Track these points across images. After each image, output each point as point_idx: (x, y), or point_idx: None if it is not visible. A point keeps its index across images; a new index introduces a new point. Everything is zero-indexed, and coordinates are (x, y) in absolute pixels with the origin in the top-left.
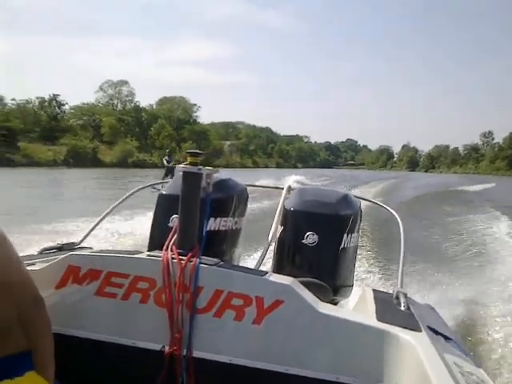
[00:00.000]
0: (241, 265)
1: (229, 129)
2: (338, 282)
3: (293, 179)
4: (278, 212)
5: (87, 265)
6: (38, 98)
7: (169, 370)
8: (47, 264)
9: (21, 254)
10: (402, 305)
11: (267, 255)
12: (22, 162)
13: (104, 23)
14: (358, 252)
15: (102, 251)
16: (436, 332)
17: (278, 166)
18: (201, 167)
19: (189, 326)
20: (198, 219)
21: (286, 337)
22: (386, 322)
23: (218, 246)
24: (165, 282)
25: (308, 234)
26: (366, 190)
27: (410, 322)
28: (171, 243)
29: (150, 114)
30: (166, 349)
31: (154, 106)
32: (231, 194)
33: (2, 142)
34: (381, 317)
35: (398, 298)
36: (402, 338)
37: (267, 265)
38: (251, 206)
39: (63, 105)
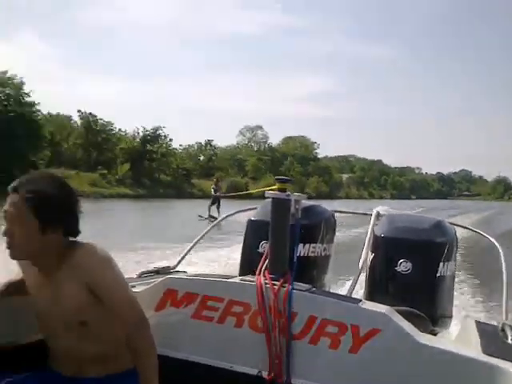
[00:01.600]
0: (333, 292)
1: (342, 162)
2: (436, 312)
3: (381, 208)
4: (367, 239)
5: (184, 288)
6: (197, 142)
7: None
8: (147, 287)
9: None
10: (510, 338)
11: (358, 283)
12: (198, 195)
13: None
14: (456, 281)
15: (197, 275)
16: None
17: (393, 197)
18: (289, 193)
19: (285, 351)
20: (288, 245)
21: (384, 367)
22: (494, 356)
23: (308, 272)
24: (259, 307)
25: (401, 261)
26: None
27: None
28: (263, 268)
29: (280, 152)
30: (264, 374)
31: (280, 144)
32: (319, 220)
33: (184, 179)
34: (487, 350)
35: (504, 330)
36: (510, 373)
37: (358, 292)
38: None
39: (216, 148)
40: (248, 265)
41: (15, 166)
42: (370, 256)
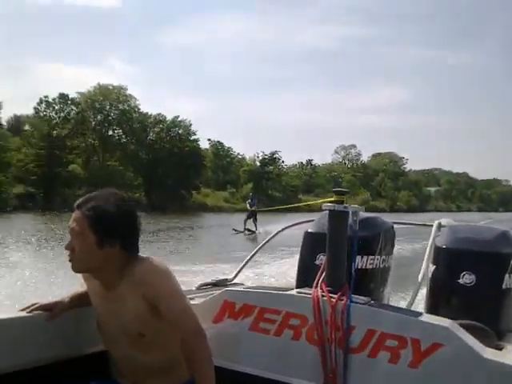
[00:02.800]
0: (392, 305)
1: (427, 175)
2: (501, 326)
3: (444, 220)
4: (428, 250)
5: (242, 300)
6: (298, 162)
7: None
8: (205, 299)
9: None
10: None
11: (418, 296)
12: (305, 209)
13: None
14: None
15: (254, 287)
16: None
17: (480, 209)
18: (347, 205)
19: (342, 365)
20: (346, 257)
21: (447, 382)
22: None
23: (366, 284)
24: (316, 320)
25: (464, 273)
26: None
27: None
28: (320, 281)
29: (371, 168)
30: None
31: (370, 160)
32: (378, 232)
33: (292, 196)
34: None
35: None
36: None
37: (419, 306)
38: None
39: (316, 166)
40: (304, 277)
41: (185, 188)
42: (431, 268)
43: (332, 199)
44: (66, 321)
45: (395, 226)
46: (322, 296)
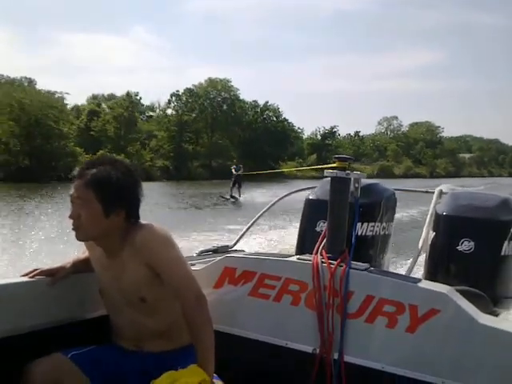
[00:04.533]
0: (391, 271)
1: (459, 142)
2: (497, 293)
3: (445, 186)
4: (428, 217)
5: (242, 266)
6: (347, 134)
7: (320, 372)
8: (206, 265)
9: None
10: None
11: (417, 262)
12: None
13: (318, 45)
14: None
15: (255, 254)
16: None
17: (511, 174)
18: (349, 172)
19: (340, 330)
20: (347, 224)
21: (443, 348)
22: None
23: (366, 251)
24: (315, 286)
25: (463, 240)
26: None
27: None
28: (320, 247)
29: (411, 138)
30: (318, 351)
31: (408, 129)
32: (379, 199)
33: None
34: None
35: None
36: None
37: (418, 272)
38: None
39: (363, 137)
40: (305, 244)
41: (273, 160)
42: (431, 235)
43: (334, 165)
44: (67, 286)
45: (397, 192)
46: (322, 262)
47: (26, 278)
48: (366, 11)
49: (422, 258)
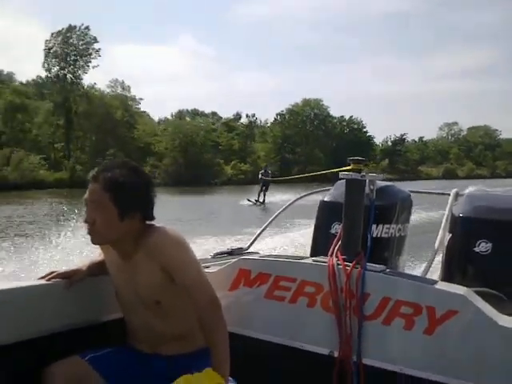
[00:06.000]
0: (407, 272)
1: None
2: None
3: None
4: (445, 218)
5: (257, 268)
6: (412, 139)
7: (338, 374)
8: (221, 267)
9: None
10: None
11: (433, 264)
12: (424, 177)
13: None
14: None
15: (270, 256)
16: None
17: None
18: (364, 174)
19: (357, 332)
20: (362, 226)
21: (462, 349)
22: None
23: (382, 253)
24: (331, 288)
25: (480, 241)
26: None
27: None
28: (335, 249)
29: (471, 141)
30: (335, 354)
31: (466, 133)
32: (395, 201)
33: (415, 167)
34: None
35: None
36: None
37: (434, 274)
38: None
39: (426, 142)
40: (319, 246)
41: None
42: (448, 237)
43: (349, 168)
44: (83, 288)
45: (412, 194)
46: (338, 264)
47: (42, 281)
48: (416, 11)
49: (439, 260)
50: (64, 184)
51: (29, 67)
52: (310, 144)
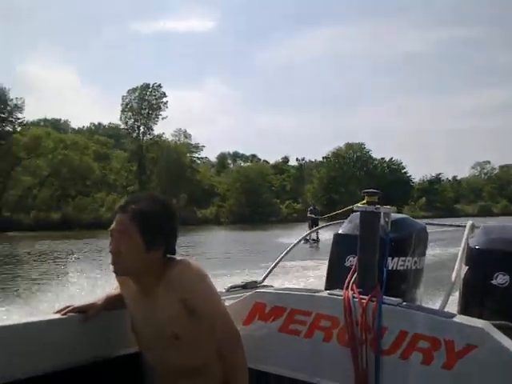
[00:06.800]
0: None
1: None
2: None
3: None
4: (461, 251)
5: (272, 302)
6: (446, 178)
7: None
8: (235, 300)
9: None
10: None
11: (451, 297)
12: (462, 214)
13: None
14: None
15: (284, 289)
16: None
17: None
18: (378, 206)
19: (374, 366)
20: (377, 258)
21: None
22: None
23: (398, 286)
24: (347, 321)
25: (497, 273)
26: None
27: None
28: (351, 282)
29: (504, 179)
30: None
31: (498, 171)
32: (410, 233)
33: (451, 204)
34: None
35: None
36: None
37: (452, 307)
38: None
39: (460, 180)
40: (334, 279)
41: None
42: (464, 269)
43: (364, 201)
44: (99, 323)
45: (428, 227)
46: (353, 297)
47: (57, 315)
48: (438, 51)
49: (456, 293)
50: None
51: (76, 113)
52: (353, 184)
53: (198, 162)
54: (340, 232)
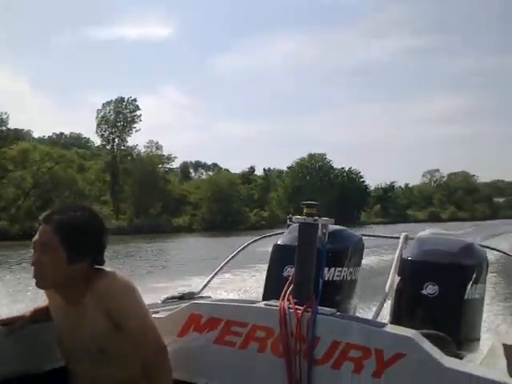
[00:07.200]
0: (358, 316)
1: (491, 186)
2: (462, 335)
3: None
4: (394, 262)
5: (208, 313)
6: (399, 186)
7: None
8: (170, 312)
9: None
10: None
11: (384, 307)
12: (411, 220)
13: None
14: (489, 304)
15: (221, 300)
16: None
17: None
18: (317, 218)
19: (307, 377)
20: (314, 269)
21: None
22: None
23: (334, 296)
24: (282, 332)
25: (427, 284)
26: None
27: None
28: (287, 293)
29: (451, 187)
30: None
31: (446, 179)
32: (347, 245)
33: (404, 211)
34: None
35: None
36: None
37: (385, 317)
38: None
39: (412, 188)
40: (272, 289)
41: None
42: (397, 280)
43: (306, 212)
44: (25, 336)
45: (364, 238)
46: (289, 308)
47: None
48: (390, 61)
49: (389, 303)
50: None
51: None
52: (316, 193)
53: (169, 172)
54: (279, 243)
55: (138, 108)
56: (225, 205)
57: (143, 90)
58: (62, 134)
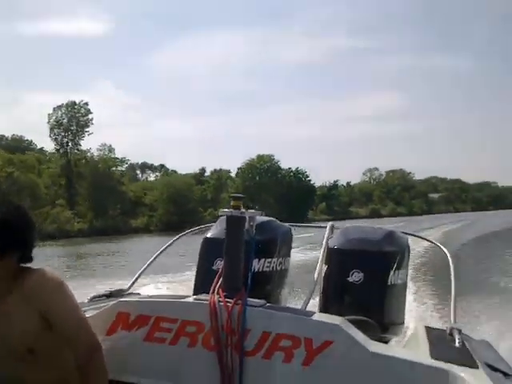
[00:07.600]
0: (288, 306)
1: (426, 183)
2: (386, 320)
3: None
4: (322, 251)
5: (136, 311)
6: (341, 184)
7: None
8: (97, 311)
9: None
10: (457, 341)
11: (313, 296)
12: (352, 217)
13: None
14: (412, 288)
15: (150, 297)
16: (494, 368)
17: (473, 209)
18: (243, 210)
19: (238, 368)
20: (243, 261)
21: (337, 377)
22: (441, 360)
23: (264, 287)
24: (212, 326)
25: (353, 271)
26: None
27: (465, 359)
28: (217, 286)
29: (390, 184)
30: None
31: (385, 177)
32: (275, 235)
33: (346, 208)
34: (434, 354)
35: (451, 334)
36: (457, 376)
37: (314, 306)
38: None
39: (353, 186)
40: (202, 284)
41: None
42: (325, 268)
43: (233, 205)
44: None
45: (292, 228)
46: (219, 301)
47: None
48: (326, 61)
49: (318, 292)
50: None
51: None
52: (265, 193)
53: (124, 174)
54: (208, 236)
55: (89, 112)
56: (180, 206)
57: (79, 88)
58: (3, 136)
